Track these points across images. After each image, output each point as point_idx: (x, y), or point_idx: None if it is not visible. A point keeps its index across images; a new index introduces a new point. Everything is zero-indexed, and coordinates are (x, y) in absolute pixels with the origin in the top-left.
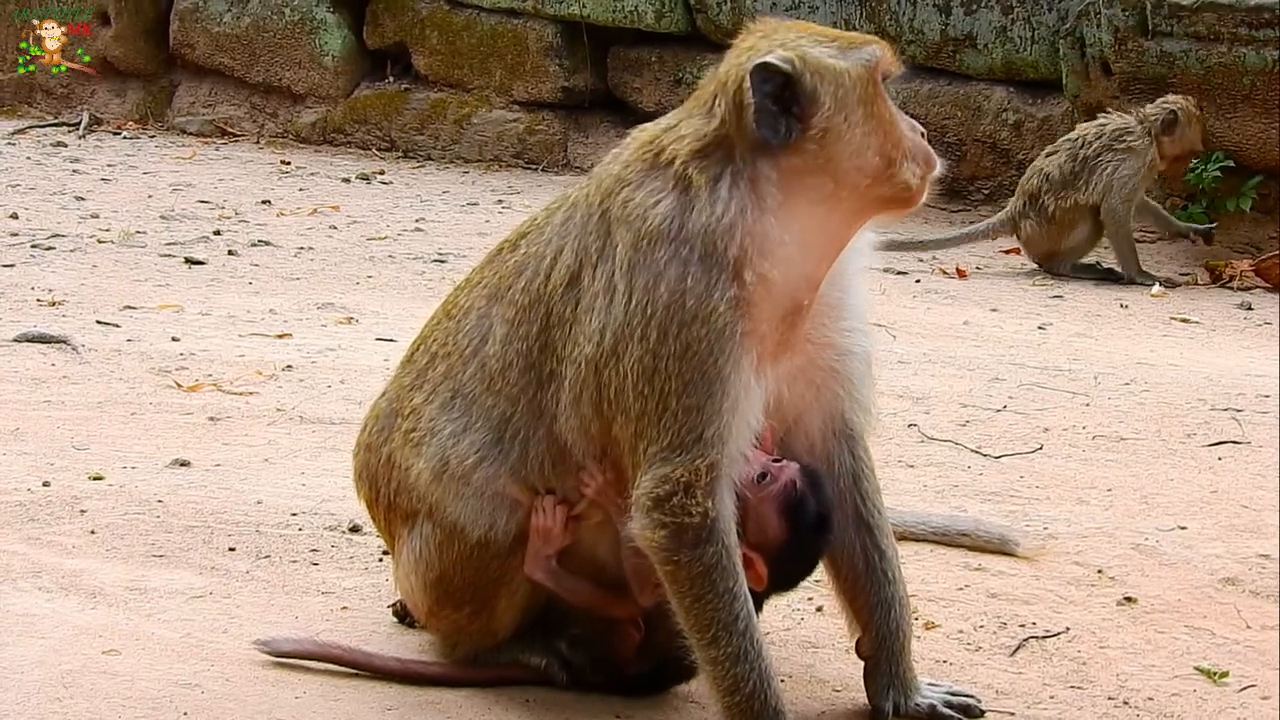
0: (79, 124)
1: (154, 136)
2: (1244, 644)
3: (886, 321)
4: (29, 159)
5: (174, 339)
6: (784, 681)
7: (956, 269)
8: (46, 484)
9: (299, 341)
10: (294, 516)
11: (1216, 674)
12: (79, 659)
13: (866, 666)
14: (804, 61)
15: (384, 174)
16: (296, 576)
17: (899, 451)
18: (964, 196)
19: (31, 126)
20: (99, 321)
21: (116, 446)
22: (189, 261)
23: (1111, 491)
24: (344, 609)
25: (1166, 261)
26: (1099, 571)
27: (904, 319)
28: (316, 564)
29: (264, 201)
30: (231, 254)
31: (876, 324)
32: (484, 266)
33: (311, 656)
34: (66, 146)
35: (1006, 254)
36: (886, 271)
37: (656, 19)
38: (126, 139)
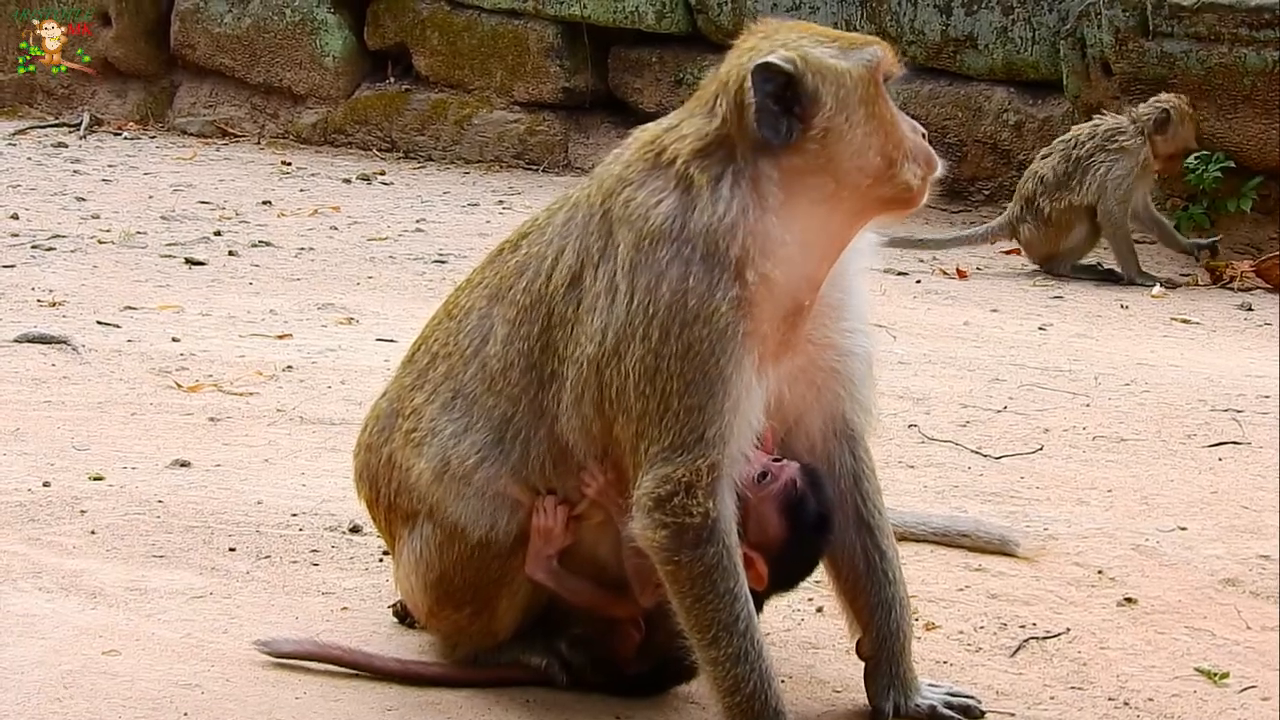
0: (80, 124)
1: (155, 137)
2: (1244, 645)
3: (887, 322)
4: (30, 159)
5: (174, 339)
6: (784, 682)
7: (957, 269)
8: (47, 484)
9: (299, 342)
10: (294, 517)
11: (1217, 675)
12: (79, 659)
13: (867, 667)
14: (805, 61)
15: (385, 174)
16: (297, 577)
17: (899, 452)
18: (965, 197)
19: (32, 127)
20: (99, 322)
21: (117, 447)
22: (189, 262)
23: (1112, 492)
24: (344, 609)
25: (1167, 262)
26: (1099, 572)
27: (904, 319)
28: (317, 564)
29: (265, 202)
30: (232, 254)
31: (877, 324)
32: (485, 267)
33: (312, 657)
34: (67, 147)
35: (1007, 254)
36: (887, 272)
37: (657, 19)
38: (127, 139)
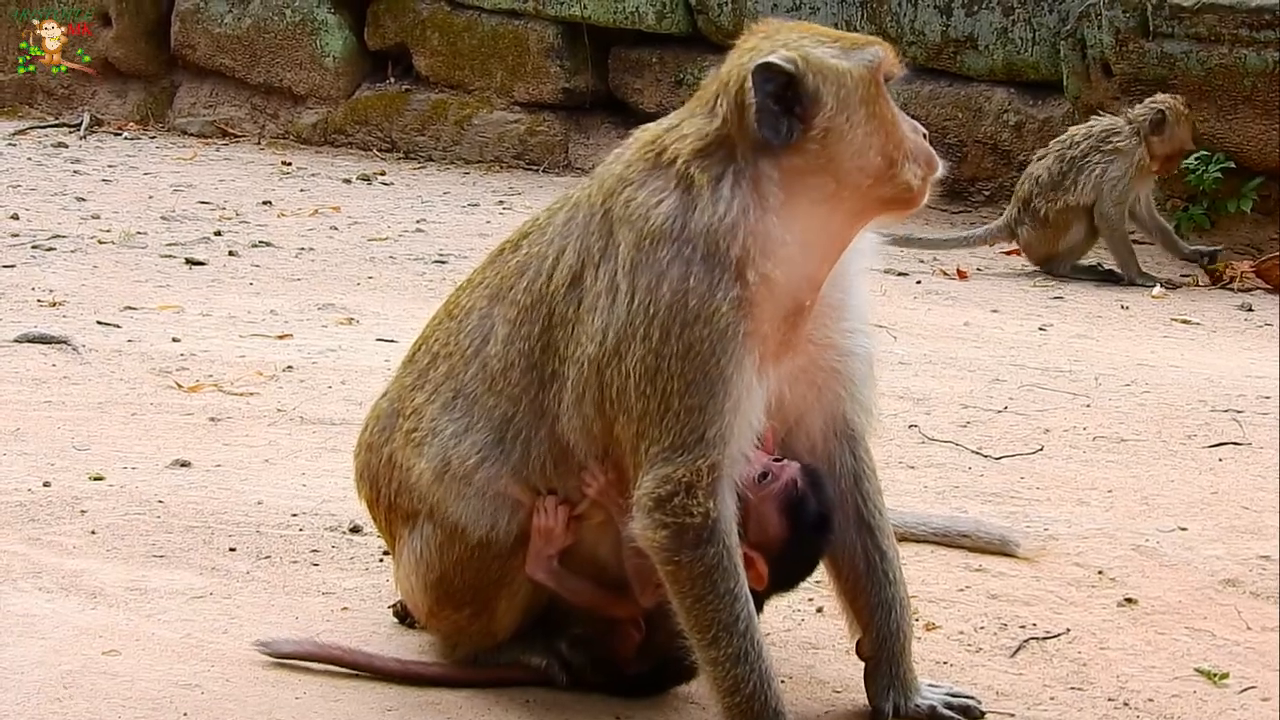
0: (80, 125)
1: (155, 137)
2: (1244, 645)
3: (887, 322)
4: (30, 160)
5: (175, 339)
6: (784, 682)
7: (957, 270)
8: (47, 484)
9: (299, 342)
10: (294, 517)
11: (1217, 675)
12: (79, 659)
13: (867, 667)
14: (806, 62)
15: (385, 175)
16: (297, 577)
17: (900, 452)
18: (965, 198)
19: (32, 127)
20: (100, 322)
21: (117, 447)
22: (190, 262)
23: (1112, 493)
24: (344, 609)
25: (1167, 263)
26: (1099, 573)
27: (905, 320)
28: (317, 564)
29: (265, 202)
30: (232, 255)
31: (877, 325)
32: (486, 267)
33: (312, 657)
34: (67, 147)
35: (1007, 255)
36: (887, 273)
37: (657, 20)
38: (127, 140)
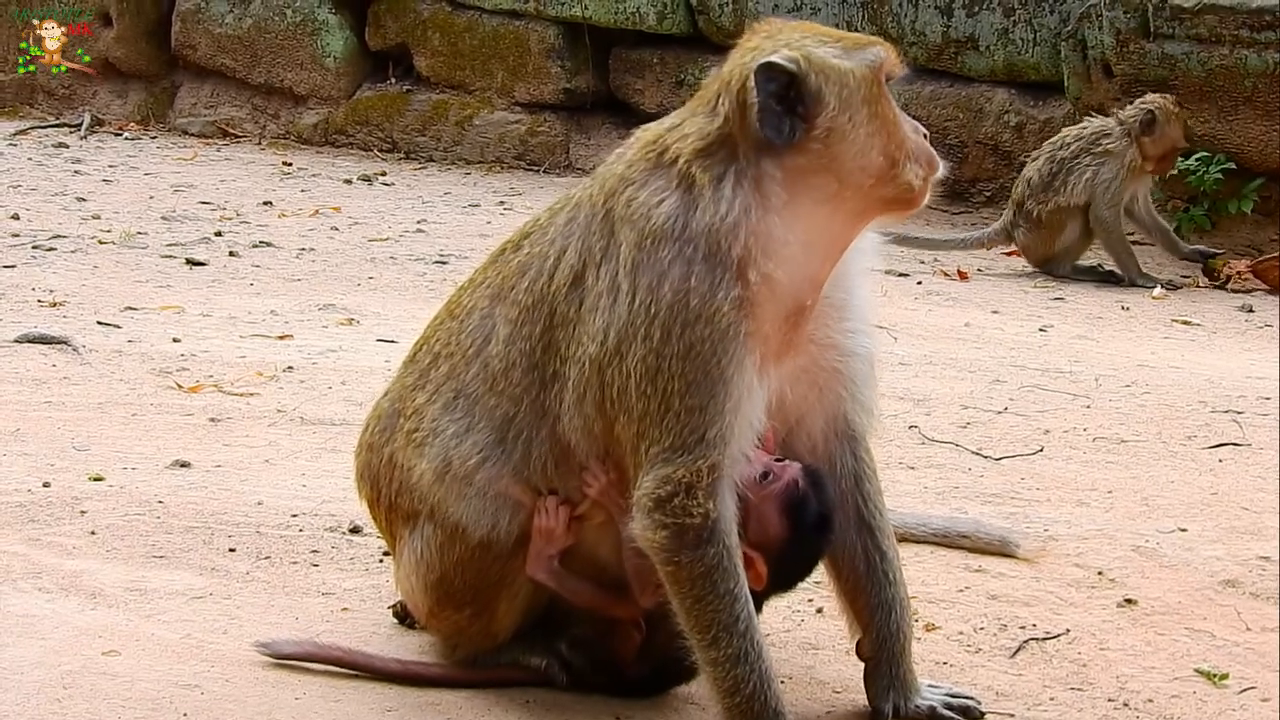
0: (80, 125)
1: (155, 137)
2: (1244, 646)
3: (888, 323)
4: (30, 160)
5: (175, 340)
6: (784, 683)
7: (958, 271)
8: (47, 485)
9: (300, 343)
10: (294, 518)
11: (1216, 676)
12: (79, 660)
13: (867, 668)
14: (809, 61)
15: (385, 175)
16: (297, 577)
17: (900, 453)
18: (966, 198)
19: (33, 127)
20: (100, 322)
21: (117, 447)
22: (190, 262)
23: (1112, 493)
24: (344, 610)
25: (1168, 264)
26: (1099, 573)
27: (905, 321)
28: (317, 565)
29: (265, 203)
30: (233, 255)
31: (878, 326)
32: (487, 267)
33: (312, 658)
34: (68, 147)
35: (1008, 256)
36: (888, 273)
37: (658, 20)
38: (128, 140)
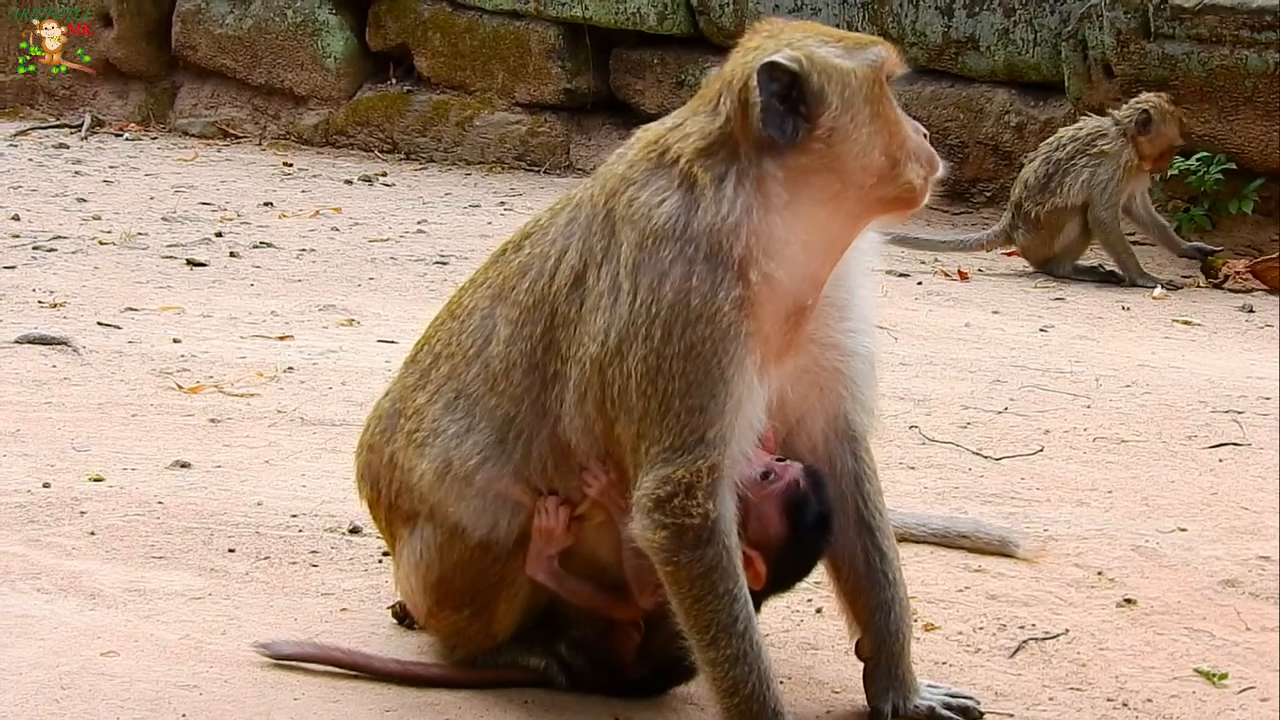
0: (81, 126)
1: (156, 138)
2: (1243, 646)
3: (888, 323)
4: (31, 160)
5: (175, 340)
6: (783, 683)
7: (959, 271)
8: (47, 485)
9: (300, 343)
10: (294, 518)
11: (1216, 676)
12: (77, 660)
13: (866, 668)
14: (811, 61)
15: (386, 176)
16: (296, 578)
17: (900, 453)
18: (966, 199)
19: (33, 128)
20: (100, 323)
21: (117, 448)
22: (190, 263)
23: (1112, 493)
24: (343, 610)
25: (1168, 264)
26: (1099, 573)
27: (906, 321)
28: (316, 565)
29: (266, 203)
30: (233, 256)
31: (878, 326)
32: (488, 267)
33: (311, 659)
34: (68, 148)
35: (1008, 256)
36: (889, 273)
37: (659, 21)
38: (128, 140)
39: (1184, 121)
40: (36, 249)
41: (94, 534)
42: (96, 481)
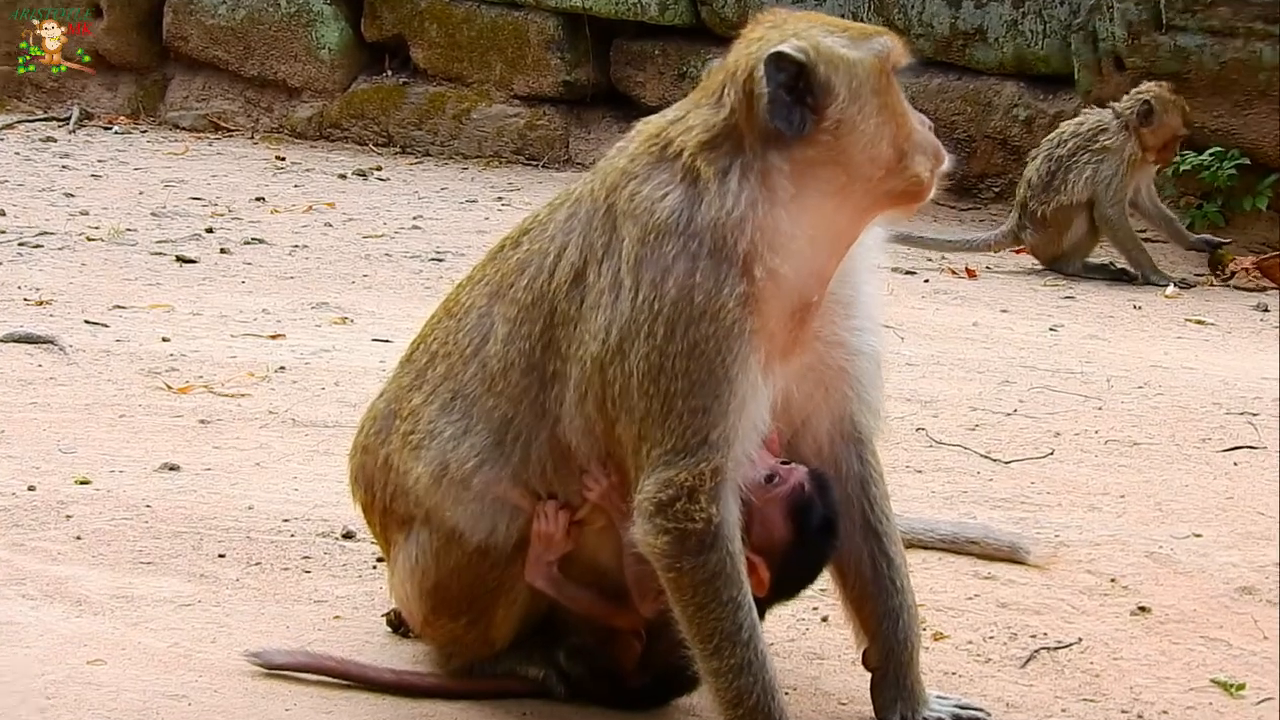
0: (69, 119)
1: (146, 131)
2: (1261, 655)
3: (894, 322)
4: (17, 154)
5: (164, 339)
6: (788, 694)
7: (966, 269)
8: (31, 488)
9: (292, 342)
10: (286, 522)
11: (1233, 686)
12: (63, 669)
13: (873, 678)
14: (818, 51)
15: (381, 170)
16: (288, 584)
17: (906, 456)
18: (974, 194)
19: (20, 121)
20: (87, 321)
21: (104, 450)
22: (180, 260)
23: (1125, 498)
24: (336, 618)
25: (1181, 262)
26: (1112, 580)
27: (912, 320)
28: (309, 571)
29: (258, 198)
30: (224, 252)
31: (885, 324)
32: (486, 264)
33: (303, 668)
34: (56, 142)
35: (1017, 253)
36: (895, 271)
37: (660, 11)
38: (118, 134)
39: (1186, 110)
40: (22, 245)
41: (80, 538)
42: (83, 484)
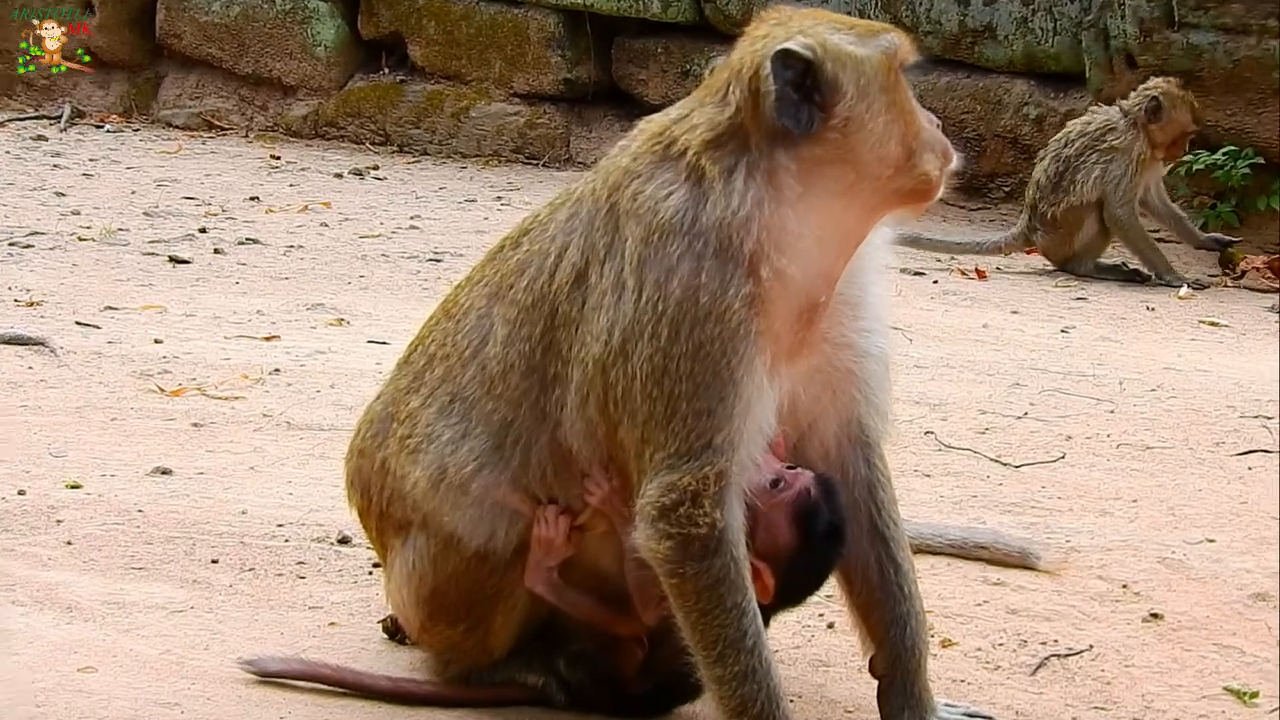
0: (60, 117)
1: (138, 130)
2: (1274, 662)
3: (903, 324)
4: (8, 153)
5: (157, 341)
6: (794, 702)
7: (976, 269)
8: (22, 492)
9: (287, 344)
10: (280, 528)
11: (1246, 694)
12: (53, 676)
13: (880, 686)
14: (825, 48)
15: (378, 169)
16: (282, 590)
17: (915, 460)
18: (984, 194)
19: (11, 119)
20: (79, 323)
21: (95, 453)
22: (173, 260)
23: (1137, 502)
24: (332, 624)
25: (1194, 263)
26: (1124, 586)
27: (921, 321)
28: (303, 577)
29: (252, 198)
30: (218, 252)
31: (893, 326)
32: (485, 264)
33: (298, 676)
34: (47, 140)
35: (1028, 254)
36: (903, 272)
37: (663, 8)
38: (110, 132)
39: (1195, 106)
40: (13, 245)
41: (71, 544)
42: (74, 489)
